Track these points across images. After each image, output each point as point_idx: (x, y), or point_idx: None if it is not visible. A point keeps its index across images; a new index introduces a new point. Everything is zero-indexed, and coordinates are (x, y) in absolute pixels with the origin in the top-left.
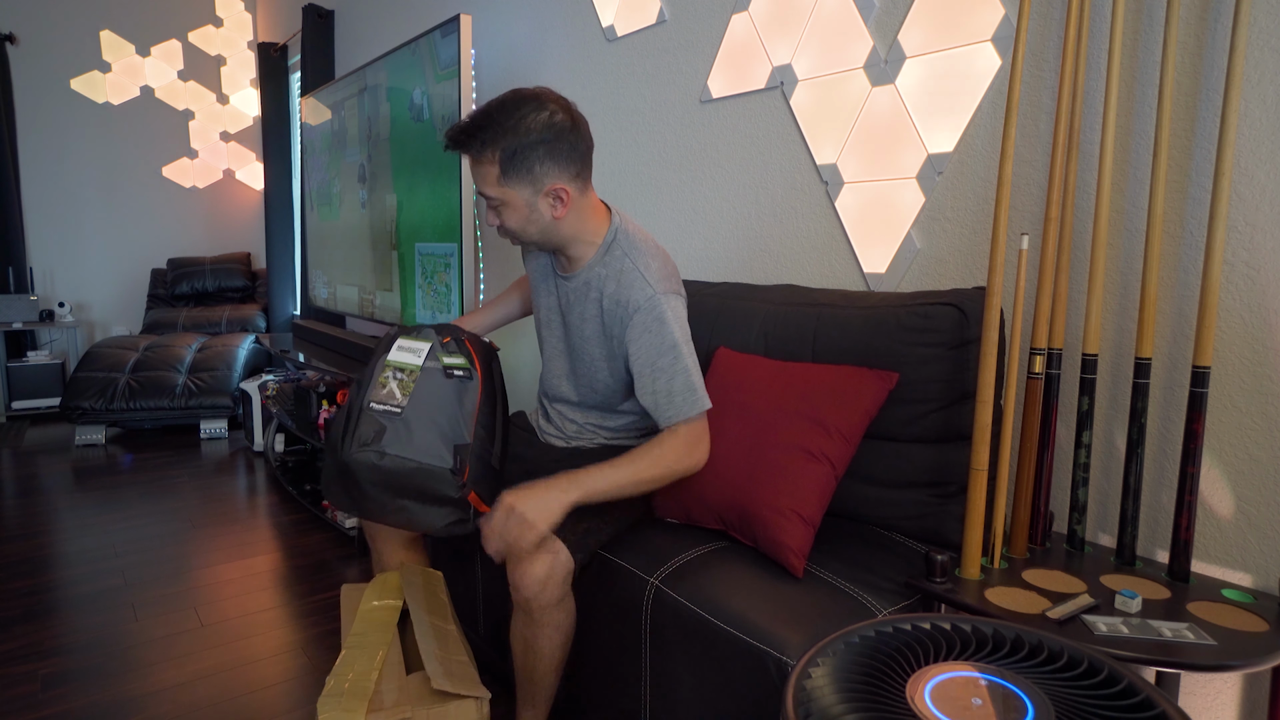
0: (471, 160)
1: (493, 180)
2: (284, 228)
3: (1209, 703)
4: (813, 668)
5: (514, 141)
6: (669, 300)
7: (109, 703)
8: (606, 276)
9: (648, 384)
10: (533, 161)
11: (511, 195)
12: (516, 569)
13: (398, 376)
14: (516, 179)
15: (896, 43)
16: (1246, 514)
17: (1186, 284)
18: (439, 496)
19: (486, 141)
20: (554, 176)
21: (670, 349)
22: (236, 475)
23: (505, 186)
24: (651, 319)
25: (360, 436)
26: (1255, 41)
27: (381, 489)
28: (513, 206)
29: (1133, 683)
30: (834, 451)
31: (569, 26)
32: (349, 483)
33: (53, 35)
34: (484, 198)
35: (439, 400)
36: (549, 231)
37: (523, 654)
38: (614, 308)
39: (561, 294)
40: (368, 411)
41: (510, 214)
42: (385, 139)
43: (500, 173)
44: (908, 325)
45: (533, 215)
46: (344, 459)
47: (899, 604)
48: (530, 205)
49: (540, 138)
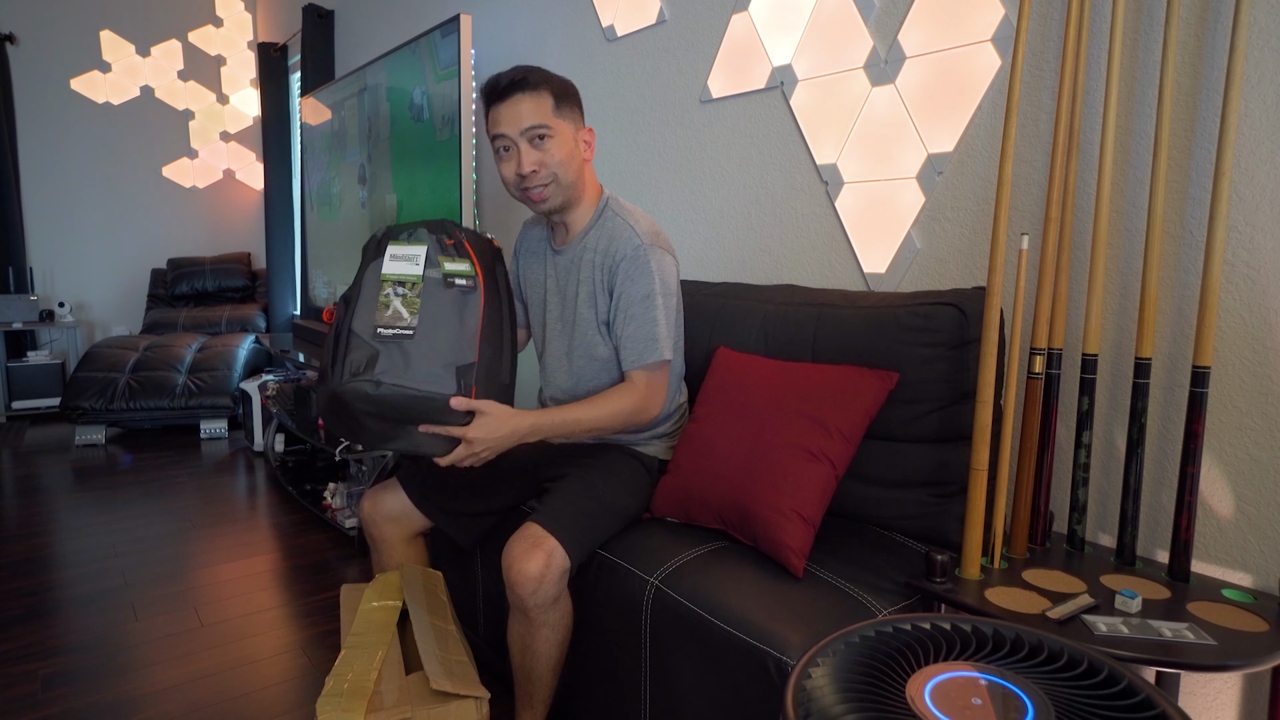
0: (526, 96)
1: (548, 110)
2: (284, 228)
3: (1209, 703)
4: (813, 668)
5: (559, 82)
6: (655, 252)
7: (109, 703)
8: (600, 237)
9: (619, 327)
10: (574, 102)
11: (563, 125)
12: (512, 569)
13: (399, 292)
14: (567, 111)
15: (896, 43)
16: (1246, 514)
17: (1186, 284)
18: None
19: (540, 79)
20: (582, 122)
21: (645, 297)
22: (236, 475)
23: (557, 118)
24: (635, 267)
25: (351, 364)
26: (1255, 41)
27: (379, 419)
28: (562, 137)
29: (1133, 683)
30: (834, 451)
31: (569, 26)
32: (344, 413)
33: (53, 35)
34: (525, 138)
35: (438, 316)
36: (579, 175)
37: (520, 654)
38: (604, 260)
39: (559, 270)
40: (357, 336)
41: (558, 145)
42: (385, 139)
43: (555, 104)
44: (908, 325)
45: (571, 154)
46: (335, 389)
47: (899, 604)
48: (574, 142)
49: (571, 88)
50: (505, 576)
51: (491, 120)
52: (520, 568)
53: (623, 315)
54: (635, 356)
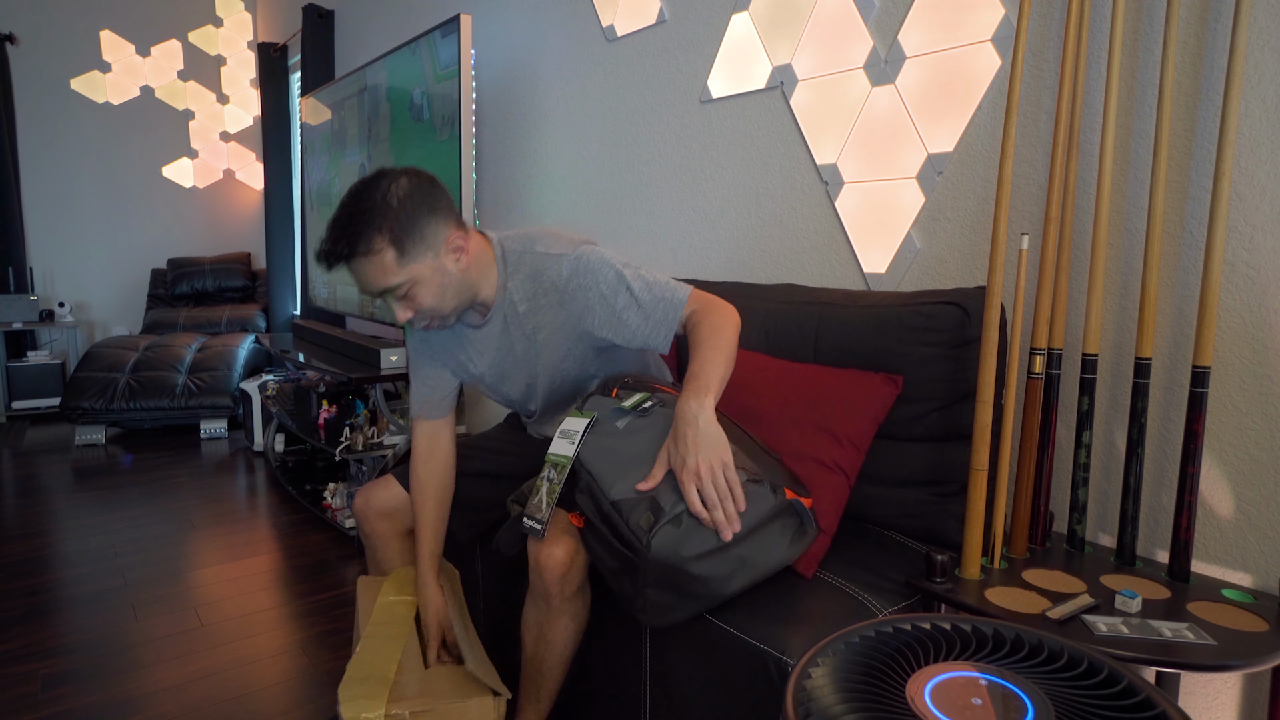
0: (362, 262)
1: (393, 267)
2: (284, 228)
3: (1209, 703)
4: (813, 668)
5: (395, 217)
6: (582, 250)
7: (109, 703)
8: (521, 283)
9: (624, 328)
10: (422, 226)
11: (418, 269)
12: (540, 553)
13: (550, 478)
14: (416, 251)
15: (896, 43)
16: (1246, 514)
17: (1186, 284)
18: (759, 523)
19: (370, 234)
20: (445, 230)
21: (615, 282)
22: (236, 475)
23: (409, 264)
24: (580, 276)
25: (637, 525)
26: (1255, 41)
27: (718, 558)
28: (424, 281)
29: (1133, 683)
30: (846, 460)
31: (569, 26)
32: (678, 579)
33: (53, 35)
34: (387, 297)
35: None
36: (463, 288)
37: (534, 643)
38: (543, 302)
39: (494, 342)
40: (623, 502)
41: (424, 290)
42: (385, 139)
43: (398, 254)
44: (910, 324)
45: (445, 280)
46: (654, 559)
47: (899, 604)
48: (439, 270)
49: (415, 202)
50: (533, 562)
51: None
52: (549, 552)
53: (615, 317)
54: (668, 323)
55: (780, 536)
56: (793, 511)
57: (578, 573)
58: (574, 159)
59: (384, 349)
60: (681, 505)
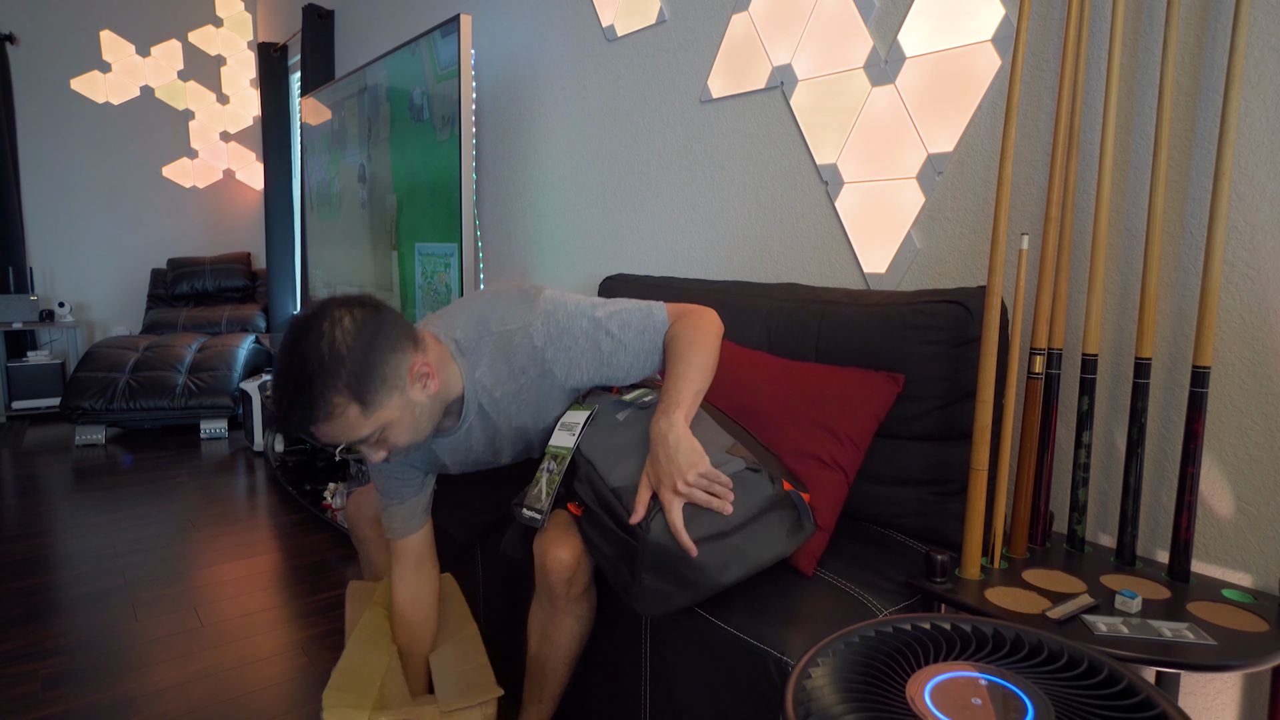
0: (325, 427)
1: (359, 421)
2: (284, 228)
3: (1209, 703)
4: (813, 668)
5: (348, 368)
6: (540, 307)
7: (109, 703)
8: (490, 369)
9: (613, 369)
10: (380, 367)
11: (387, 414)
12: (547, 554)
13: (549, 469)
14: (380, 396)
15: (896, 43)
16: (1246, 514)
17: (1186, 284)
18: (757, 511)
19: (328, 395)
20: (405, 361)
21: (590, 329)
22: (236, 475)
23: (375, 412)
24: (559, 341)
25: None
26: (1255, 41)
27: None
28: (395, 423)
29: (1133, 683)
30: (846, 458)
31: (569, 26)
32: (675, 566)
33: (53, 35)
34: (359, 451)
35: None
36: (435, 410)
37: (539, 644)
38: (526, 377)
39: (475, 435)
40: (623, 489)
41: (398, 431)
42: (385, 139)
43: (362, 406)
44: (911, 323)
45: (417, 413)
46: (651, 542)
47: (899, 604)
48: (408, 405)
49: (365, 342)
50: (539, 563)
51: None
52: (555, 553)
53: (601, 362)
54: (654, 348)
55: (777, 529)
56: (790, 504)
57: (584, 574)
58: (574, 159)
59: None
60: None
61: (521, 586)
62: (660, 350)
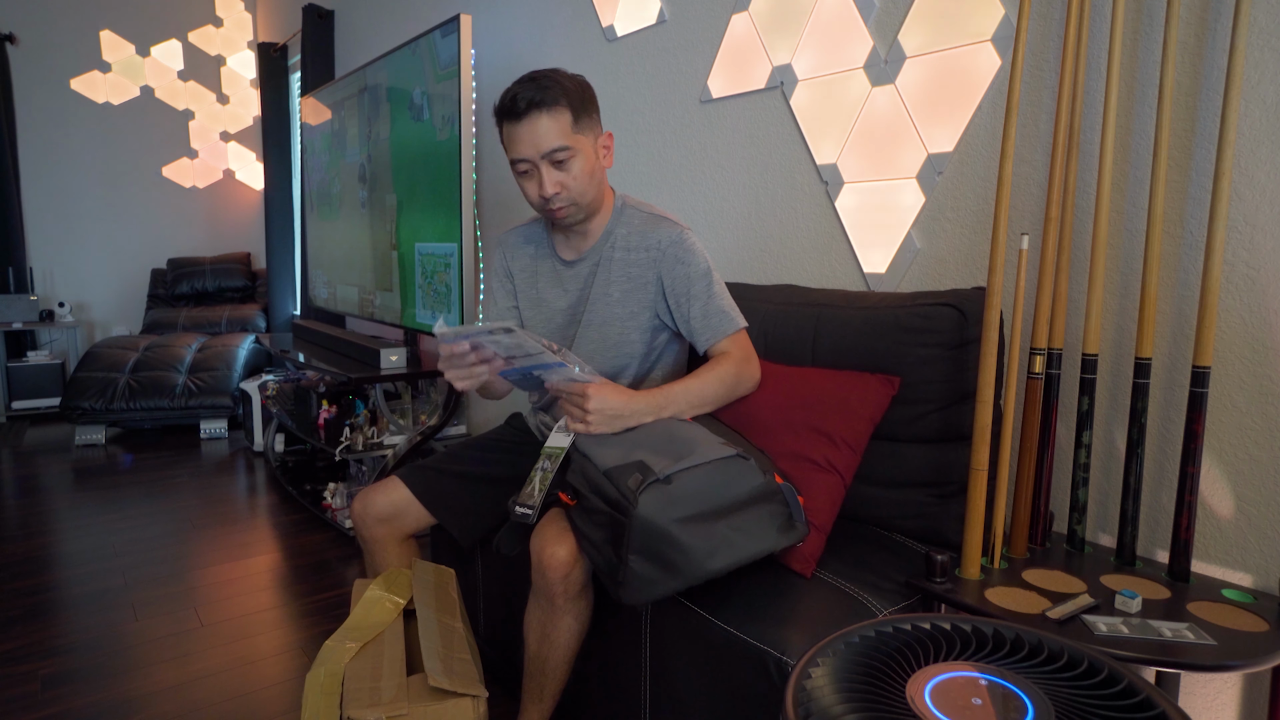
0: (543, 114)
1: (567, 129)
2: (284, 228)
3: (1209, 703)
4: (813, 668)
5: (575, 91)
6: (691, 235)
7: (109, 703)
8: (629, 234)
9: (684, 310)
10: (592, 109)
11: (583, 142)
12: (544, 552)
13: (544, 468)
14: (586, 125)
15: (896, 43)
16: (1246, 514)
17: (1186, 284)
18: (747, 499)
19: (557, 93)
20: (600, 126)
21: (703, 275)
22: (236, 475)
23: (578, 134)
24: (682, 250)
25: (628, 486)
26: (1255, 41)
27: (696, 527)
28: (584, 154)
29: (1133, 683)
30: (842, 461)
31: (569, 26)
32: (663, 541)
33: (53, 35)
34: (546, 160)
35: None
36: (597, 189)
37: (538, 643)
38: (641, 256)
39: (575, 279)
40: (615, 469)
41: (581, 163)
42: (385, 139)
43: (574, 120)
44: (907, 326)
45: (595, 167)
46: (642, 516)
47: (899, 604)
48: (594, 155)
49: (589, 92)
50: (536, 561)
51: (508, 139)
52: (552, 551)
53: (686, 298)
54: (713, 334)
55: (768, 523)
56: (782, 500)
57: (581, 572)
58: None
59: (384, 349)
60: (671, 468)
61: (521, 586)
62: (713, 341)
